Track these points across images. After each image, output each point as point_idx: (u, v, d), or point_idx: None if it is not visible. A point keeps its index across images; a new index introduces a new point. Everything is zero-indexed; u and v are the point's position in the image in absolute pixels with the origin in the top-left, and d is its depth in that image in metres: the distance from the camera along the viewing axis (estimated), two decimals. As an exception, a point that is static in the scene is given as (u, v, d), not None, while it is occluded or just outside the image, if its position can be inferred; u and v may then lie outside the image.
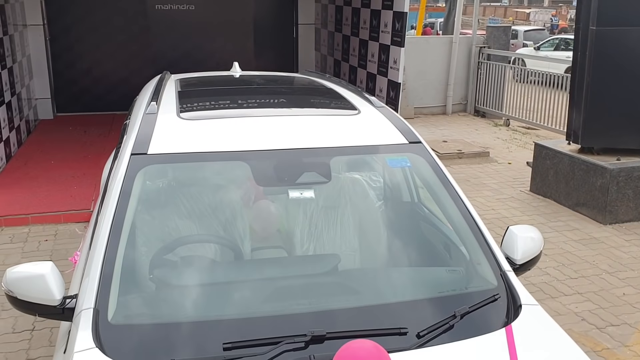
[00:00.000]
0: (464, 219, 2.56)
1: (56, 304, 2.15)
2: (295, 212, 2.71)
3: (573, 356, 2.07)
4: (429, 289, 2.40)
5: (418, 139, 2.89)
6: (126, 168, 2.53)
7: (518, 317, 2.21)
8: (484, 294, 2.28)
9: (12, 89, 8.92)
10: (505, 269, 2.41)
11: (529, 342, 2.10)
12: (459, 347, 2.04)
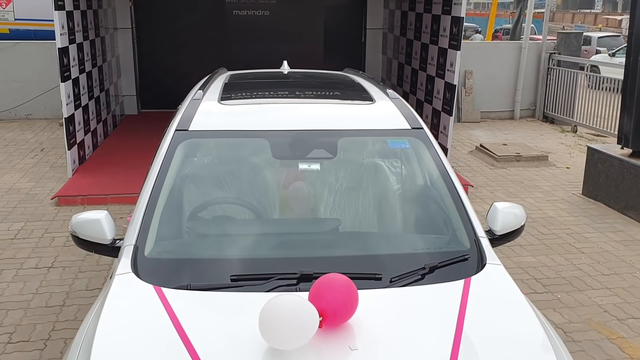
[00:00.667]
0: (449, 193, 2.94)
1: (108, 243, 2.73)
2: (315, 187, 3.19)
3: (519, 309, 2.40)
4: (409, 247, 2.81)
5: (420, 126, 3.28)
6: (170, 140, 3.11)
7: (479, 273, 2.57)
8: (456, 253, 2.66)
9: (101, 85, 9.89)
10: (479, 235, 2.77)
11: (482, 293, 2.45)
12: (420, 289, 2.43)
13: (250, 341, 2.06)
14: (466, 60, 12.40)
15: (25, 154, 9.40)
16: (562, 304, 4.96)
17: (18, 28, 12.97)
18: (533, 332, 2.26)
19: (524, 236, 6.40)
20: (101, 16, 10.07)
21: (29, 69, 11.68)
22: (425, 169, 3.13)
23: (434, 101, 9.04)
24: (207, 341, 2.10)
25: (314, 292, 2.13)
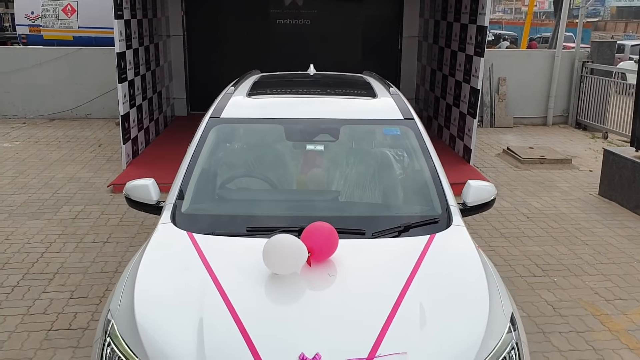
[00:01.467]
0: (429, 171, 3.56)
1: (153, 203, 3.46)
2: (319, 163, 3.86)
3: (468, 259, 2.98)
4: (392, 211, 3.45)
5: (412, 117, 3.92)
6: (205, 125, 3.85)
7: (443, 231, 3.18)
8: (429, 217, 3.28)
9: (154, 87, 10.82)
10: (449, 204, 3.38)
11: (441, 244, 3.05)
12: (393, 240, 3.07)
13: (257, 270, 2.74)
14: (500, 68, 12.87)
15: (85, 148, 10.38)
16: (557, 285, 5.46)
17: (81, 35, 14.14)
18: (474, 277, 2.84)
19: (529, 226, 6.91)
20: (156, 24, 11.02)
21: (89, 73, 12.75)
22: (412, 151, 3.75)
23: (460, 105, 9.58)
24: (225, 269, 2.79)
25: (304, 234, 2.80)
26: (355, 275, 2.81)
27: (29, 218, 6.91)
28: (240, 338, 2.35)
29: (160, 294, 2.73)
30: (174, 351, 2.35)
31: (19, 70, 12.76)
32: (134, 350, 2.41)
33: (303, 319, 2.55)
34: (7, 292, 5.15)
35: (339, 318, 2.54)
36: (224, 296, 2.58)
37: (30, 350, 4.28)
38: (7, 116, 12.85)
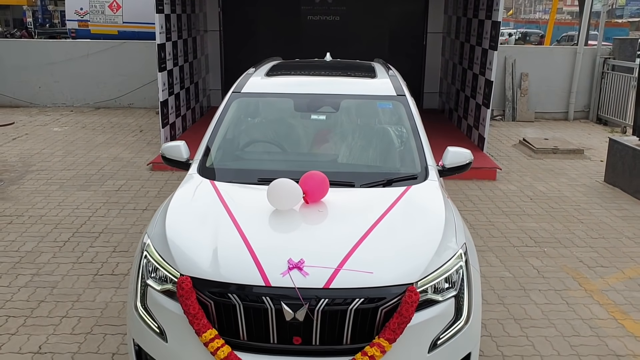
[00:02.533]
0: (414, 138, 4.21)
1: (184, 160, 4.20)
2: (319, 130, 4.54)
3: (434, 205, 3.59)
4: (379, 169, 4.11)
5: (404, 94, 4.58)
6: (228, 98, 4.57)
7: (418, 184, 3.83)
8: (409, 174, 3.95)
9: (191, 78, 11.65)
10: (428, 164, 4.03)
11: (414, 194, 3.69)
12: (376, 190, 3.73)
13: (263, 206, 3.43)
14: (523, 64, 13.32)
15: (127, 133, 11.27)
16: (545, 254, 6.01)
17: (125, 30, 15.11)
18: (435, 215, 3.47)
19: (531, 206, 7.44)
20: (194, 19, 11.84)
21: (132, 65, 13.68)
22: (401, 122, 4.40)
23: (477, 96, 10.12)
24: (237, 206, 3.49)
25: (301, 179, 3.48)
26: (341, 211, 3.49)
27: (77, 189, 7.77)
28: (245, 249, 3.05)
29: (186, 220, 3.46)
30: (196, 257, 3.07)
31: (68, 62, 13.77)
32: (165, 258, 3.13)
33: (294, 238, 3.25)
34: (59, 245, 5.97)
35: (321, 237, 3.23)
36: (235, 222, 3.29)
37: (79, 289, 5.07)
38: (57, 104, 13.88)
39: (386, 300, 2.88)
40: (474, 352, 3.18)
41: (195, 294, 2.92)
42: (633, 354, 4.28)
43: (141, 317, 3.13)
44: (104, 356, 4.11)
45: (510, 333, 4.51)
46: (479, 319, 3.21)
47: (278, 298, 2.84)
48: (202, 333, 2.86)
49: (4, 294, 4.95)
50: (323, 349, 2.90)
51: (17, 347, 4.19)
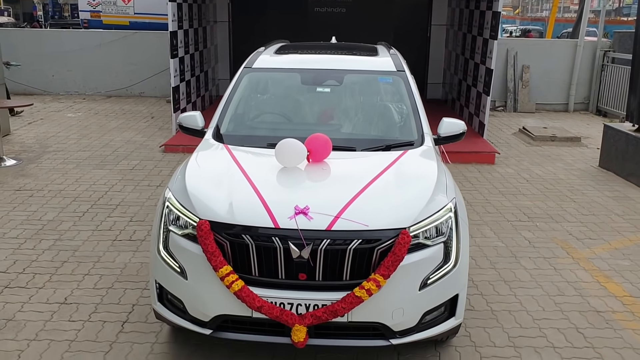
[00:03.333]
0: (412, 108, 4.56)
1: (199, 129, 4.56)
2: (326, 101, 4.90)
3: (427, 167, 3.94)
4: (379, 136, 4.47)
5: (403, 69, 4.93)
6: (239, 73, 4.93)
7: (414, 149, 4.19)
8: (406, 140, 4.30)
9: (201, 67, 12.01)
10: (424, 132, 4.38)
11: (410, 157, 4.06)
12: (375, 154, 4.09)
13: (271, 164, 3.80)
14: (524, 56, 13.63)
15: (139, 120, 11.66)
16: (537, 228, 6.35)
17: (136, 20, 15.50)
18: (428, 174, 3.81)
19: (527, 187, 7.78)
20: (204, 10, 12.21)
21: (143, 54, 14.06)
22: (400, 95, 4.75)
23: (477, 85, 10.45)
24: (248, 163, 3.86)
25: (306, 140, 3.85)
26: (343, 170, 3.85)
27: (93, 168, 8.16)
28: (256, 197, 3.42)
29: (203, 175, 3.84)
30: (213, 204, 3.43)
31: (80, 51, 14.17)
32: (185, 206, 3.50)
33: (299, 189, 3.62)
34: (79, 215, 6.35)
35: (324, 189, 3.61)
36: (247, 176, 3.65)
37: (100, 252, 5.45)
38: (70, 92, 14.29)
39: (381, 241, 3.23)
40: (461, 294, 3.53)
41: (213, 236, 3.28)
42: (612, 310, 4.62)
43: (164, 260, 3.50)
44: (125, 306, 4.48)
45: (499, 292, 4.86)
46: (466, 265, 3.56)
47: (286, 238, 3.20)
48: (219, 269, 3.22)
49: (29, 255, 5.33)
50: (325, 284, 3.26)
51: (44, 299, 4.57)
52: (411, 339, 3.41)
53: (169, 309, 3.57)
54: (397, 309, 3.28)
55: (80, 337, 4.05)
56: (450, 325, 3.54)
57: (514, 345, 4.10)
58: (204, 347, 3.97)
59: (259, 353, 3.90)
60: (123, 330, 4.16)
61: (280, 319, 3.22)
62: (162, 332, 4.13)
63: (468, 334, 4.21)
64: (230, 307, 3.29)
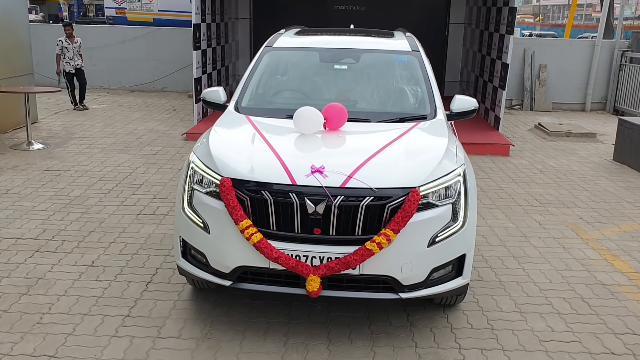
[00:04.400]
0: (425, 86, 4.75)
1: (221, 103, 4.79)
2: (342, 77, 5.11)
3: (439, 137, 4.13)
4: (393, 110, 4.66)
5: (418, 49, 5.13)
6: (260, 52, 5.17)
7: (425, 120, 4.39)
8: (420, 114, 4.49)
9: (222, 61, 12.30)
10: (437, 107, 4.57)
11: (423, 126, 4.25)
12: (389, 124, 4.29)
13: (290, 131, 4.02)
14: (542, 55, 13.73)
15: (161, 112, 11.97)
16: (549, 212, 6.48)
17: (160, 18, 15.85)
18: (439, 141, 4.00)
19: (540, 176, 7.91)
20: (226, 5, 12.51)
21: (166, 50, 14.40)
22: (414, 72, 4.94)
23: (494, 80, 10.60)
24: (268, 130, 4.08)
25: (323, 109, 4.06)
26: (357, 136, 4.07)
27: (118, 152, 8.44)
28: (275, 158, 3.63)
29: (226, 138, 4.09)
30: (234, 164, 3.65)
31: (105, 47, 14.55)
32: (209, 166, 3.73)
33: (316, 151, 3.84)
34: (104, 192, 6.62)
35: (340, 150, 3.84)
36: (266, 140, 3.87)
37: (125, 224, 5.70)
38: (94, 86, 14.64)
39: (392, 199, 3.43)
40: (468, 255, 3.70)
41: (234, 192, 3.50)
42: (618, 284, 4.75)
43: (188, 216, 3.72)
44: (149, 269, 4.71)
45: (508, 266, 5.02)
46: (473, 226, 3.74)
47: (302, 194, 3.41)
48: (239, 222, 3.44)
49: (58, 225, 5.60)
50: (339, 239, 3.46)
51: (73, 262, 4.82)
52: (419, 294, 3.59)
53: (192, 264, 3.79)
54: (406, 264, 3.46)
55: (107, 294, 4.29)
56: (457, 284, 3.71)
57: (520, 310, 4.26)
58: (224, 303, 4.18)
59: (276, 310, 4.11)
60: (147, 289, 4.39)
61: (296, 269, 3.42)
62: (184, 292, 4.35)
63: (476, 300, 4.38)
64: (249, 258, 3.50)
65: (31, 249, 5.02)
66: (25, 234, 5.36)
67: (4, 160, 7.81)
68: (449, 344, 3.80)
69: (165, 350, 3.63)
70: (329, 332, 3.89)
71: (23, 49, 10.08)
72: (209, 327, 3.90)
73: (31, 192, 6.51)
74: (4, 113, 9.35)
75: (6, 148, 8.47)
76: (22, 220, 5.70)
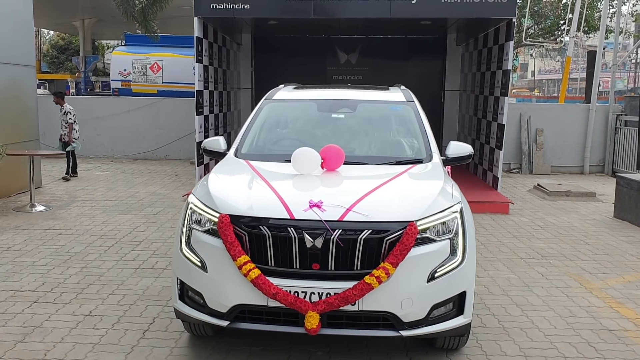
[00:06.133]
0: (421, 134, 4.85)
1: (222, 151, 4.88)
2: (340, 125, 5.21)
3: (434, 179, 4.18)
4: (391, 155, 4.74)
5: (412, 100, 5.28)
6: (260, 104, 5.32)
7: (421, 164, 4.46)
8: (416, 159, 4.57)
9: (225, 128, 12.54)
10: (432, 151, 4.65)
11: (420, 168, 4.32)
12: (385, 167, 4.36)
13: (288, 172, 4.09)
14: (538, 120, 13.99)
15: (163, 177, 12.09)
16: (551, 265, 6.43)
17: (164, 89, 16.29)
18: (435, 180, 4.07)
19: (541, 232, 7.89)
20: (228, 76, 12.88)
21: (169, 119, 14.71)
22: (410, 121, 5.06)
23: (490, 141, 10.76)
24: (267, 172, 4.15)
25: (321, 150, 4.14)
26: (355, 176, 4.13)
27: (119, 213, 8.48)
28: (273, 194, 3.67)
29: (225, 179, 4.16)
30: (232, 200, 3.69)
31: (110, 117, 14.88)
32: (207, 205, 3.76)
33: (313, 187, 3.89)
34: (104, 249, 6.61)
35: (338, 188, 3.89)
36: (264, 180, 3.93)
37: (123, 277, 5.66)
38: (98, 155, 14.88)
39: (390, 232, 3.44)
40: (468, 292, 3.66)
41: (232, 228, 3.52)
42: (624, 329, 4.67)
43: (185, 256, 3.72)
44: (146, 318, 4.65)
45: (511, 314, 4.94)
46: (473, 264, 3.72)
47: (300, 228, 3.42)
48: (237, 257, 3.43)
49: (57, 278, 5.57)
50: (337, 274, 3.44)
51: (70, 311, 4.77)
52: (420, 332, 3.53)
53: (189, 305, 3.76)
54: (406, 299, 3.43)
55: (104, 341, 4.22)
56: (459, 323, 3.66)
57: (525, 355, 4.17)
58: (221, 350, 4.11)
59: (274, 356, 4.02)
60: (144, 337, 4.32)
61: (294, 305, 3.39)
62: (181, 339, 4.28)
63: (479, 345, 4.29)
64: (247, 296, 3.47)
65: (29, 300, 4.98)
66: (24, 286, 5.33)
67: (6, 221, 7.84)
68: (453, 386, 3.71)
69: (161, 394, 3.54)
70: (329, 375, 3.80)
71: (30, 115, 10.32)
72: (207, 372, 3.82)
73: (32, 249, 6.51)
74: (9, 177, 9.46)
75: (9, 210, 8.52)
76: (22, 274, 5.67)
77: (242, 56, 14.25)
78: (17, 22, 9.96)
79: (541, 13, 25.70)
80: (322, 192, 3.81)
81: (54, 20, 29.19)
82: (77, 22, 30.04)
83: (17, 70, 9.90)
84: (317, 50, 14.48)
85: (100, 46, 41.09)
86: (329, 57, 14.51)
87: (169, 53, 15.81)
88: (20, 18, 10.02)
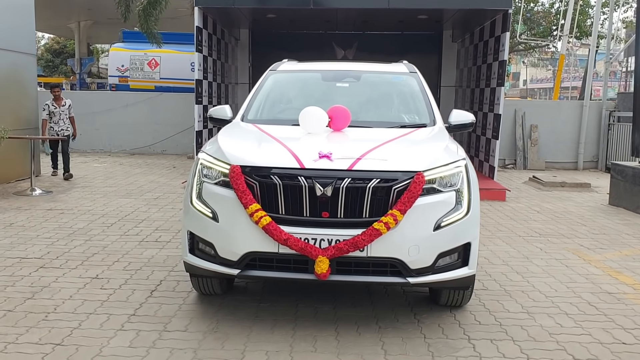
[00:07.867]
0: (424, 101, 4.95)
1: (228, 119, 4.93)
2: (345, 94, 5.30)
3: (440, 134, 4.28)
4: (395, 120, 4.83)
5: (415, 72, 5.37)
6: (264, 75, 5.40)
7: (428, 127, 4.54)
8: (420, 123, 4.66)
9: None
10: (435, 117, 4.73)
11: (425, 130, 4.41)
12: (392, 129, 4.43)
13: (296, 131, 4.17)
14: (532, 116, 14.14)
15: (162, 169, 12.13)
16: (549, 242, 6.52)
17: (161, 85, 16.34)
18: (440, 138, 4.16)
19: (538, 216, 7.99)
20: (227, 69, 12.97)
21: (167, 114, 14.74)
22: (413, 91, 5.15)
23: (487, 132, 10.88)
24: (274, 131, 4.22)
25: (328, 110, 4.22)
26: (361, 135, 4.21)
27: (119, 197, 8.52)
28: (283, 147, 3.75)
29: (234, 136, 4.24)
30: (243, 152, 3.77)
31: (108, 111, 14.90)
32: (217, 158, 3.83)
33: (322, 143, 3.94)
34: (107, 225, 6.65)
35: (345, 143, 3.96)
36: (272, 136, 4.02)
37: (128, 248, 5.70)
38: (95, 150, 14.89)
39: (398, 181, 3.52)
40: (473, 244, 3.74)
41: (244, 178, 3.59)
42: (623, 292, 4.76)
43: (196, 209, 3.78)
44: (153, 281, 4.70)
45: (512, 279, 5.03)
46: (477, 217, 3.80)
47: (310, 178, 3.50)
48: (248, 206, 3.50)
49: (62, 248, 5.61)
50: (346, 221, 3.51)
51: (77, 275, 4.81)
52: (427, 279, 3.60)
53: (199, 257, 3.81)
54: (413, 246, 3.51)
55: (112, 299, 4.27)
56: (463, 273, 3.73)
57: (527, 312, 4.25)
58: (229, 305, 4.17)
59: (282, 310, 4.08)
60: (152, 296, 4.37)
61: (305, 250, 3.45)
62: (189, 297, 4.34)
63: (482, 304, 4.37)
64: (258, 243, 3.54)
65: (35, 265, 5.02)
66: (29, 255, 5.37)
67: (7, 202, 7.87)
68: (458, 335, 3.78)
69: (171, 341, 3.59)
70: (336, 327, 3.87)
71: (30, 103, 10.36)
72: (216, 323, 3.88)
73: (35, 225, 6.54)
74: (8, 163, 9.49)
75: (9, 194, 8.54)
76: (26, 245, 5.71)
77: (240, 51, 14.36)
78: (19, 10, 10.01)
79: (534, 19, 26.01)
80: (331, 146, 3.89)
81: (50, 23, 29.19)
82: (72, 24, 30.06)
83: (18, 57, 9.94)
84: (315, 46, 14.56)
85: (95, 50, 41.10)
86: (326, 53, 14.56)
87: (166, 49, 15.86)
88: (22, 6, 10.08)
